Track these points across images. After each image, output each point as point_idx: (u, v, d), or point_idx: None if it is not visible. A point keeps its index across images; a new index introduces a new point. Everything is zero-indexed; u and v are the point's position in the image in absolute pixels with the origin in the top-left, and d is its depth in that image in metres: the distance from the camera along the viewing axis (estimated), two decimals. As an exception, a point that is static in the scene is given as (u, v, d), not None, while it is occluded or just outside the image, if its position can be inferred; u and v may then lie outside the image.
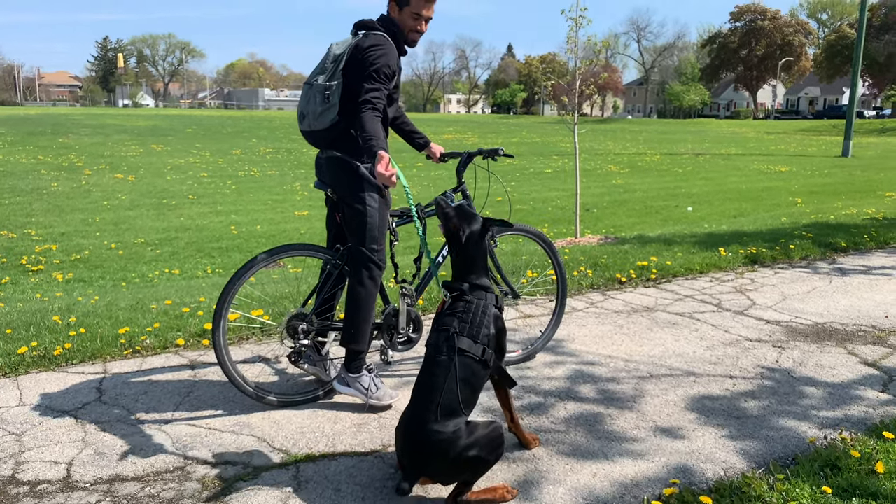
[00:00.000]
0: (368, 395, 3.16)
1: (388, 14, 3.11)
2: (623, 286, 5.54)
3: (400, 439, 2.51)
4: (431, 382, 2.50)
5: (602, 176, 20.80)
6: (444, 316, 2.65)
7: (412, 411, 2.49)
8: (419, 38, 3.14)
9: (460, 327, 2.59)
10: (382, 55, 2.96)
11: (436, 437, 2.40)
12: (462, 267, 2.76)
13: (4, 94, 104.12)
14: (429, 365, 2.55)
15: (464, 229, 2.73)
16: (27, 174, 17.47)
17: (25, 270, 8.40)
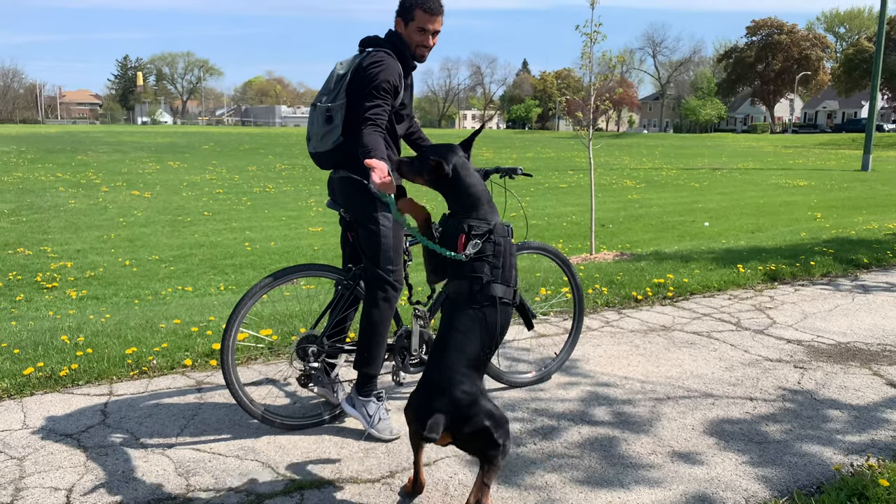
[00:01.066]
0: (371, 423, 3.07)
1: (395, 30, 3.06)
2: (639, 304, 5.43)
3: (426, 392, 2.34)
4: (464, 337, 2.36)
5: (618, 191, 20.67)
6: (472, 261, 2.43)
7: (441, 362, 2.35)
8: (427, 53, 3.07)
9: (493, 273, 2.44)
10: (381, 71, 2.90)
11: (465, 388, 2.30)
12: (466, 203, 2.50)
13: (26, 112, 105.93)
14: (460, 317, 2.38)
15: (447, 160, 2.52)
16: (45, 191, 17.65)
17: (40, 287, 8.43)
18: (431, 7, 2.94)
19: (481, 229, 2.46)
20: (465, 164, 2.57)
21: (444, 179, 2.54)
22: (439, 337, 2.44)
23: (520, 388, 3.67)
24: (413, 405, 2.39)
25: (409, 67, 3.08)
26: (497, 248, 2.47)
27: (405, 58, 3.03)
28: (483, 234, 2.46)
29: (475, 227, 2.47)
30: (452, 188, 2.55)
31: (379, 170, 2.56)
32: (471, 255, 2.44)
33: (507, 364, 4.02)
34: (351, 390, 3.15)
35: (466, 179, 2.54)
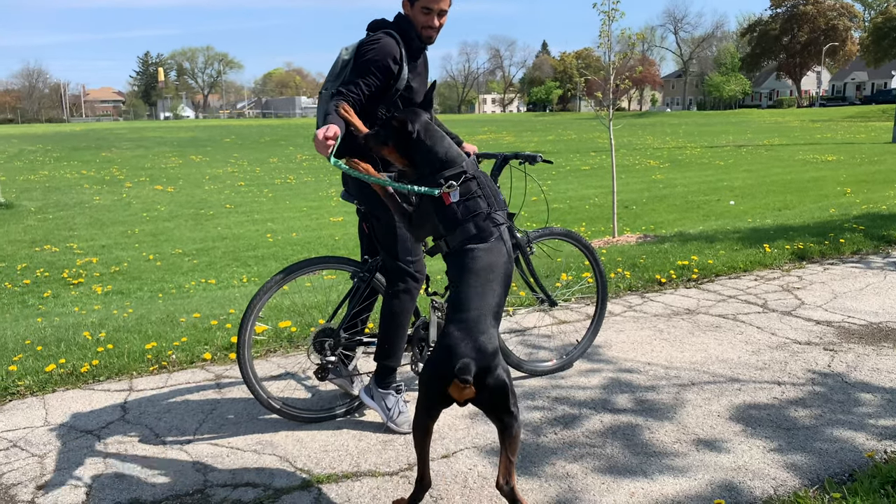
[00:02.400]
0: (390, 416, 3.04)
1: (403, 11, 2.98)
2: (663, 287, 5.32)
3: (451, 339, 2.23)
4: (500, 274, 2.38)
5: (641, 171, 20.40)
6: (464, 202, 2.46)
7: (463, 308, 2.29)
8: (434, 34, 2.97)
9: (489, 204, 2.49)
10: (371, 50, 2.85)
11: (491, 335, 2.25)
12: (437, 162, 2.51)
13: (52, 111, 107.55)
14: (474, 260, 2.37)
15: (412, 121, 2.52)
16: (71, 189, 17.88)
17: (67, 283, 8.53)
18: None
19: (454, 172, 2.50)
20: (430, 125, 2.59)
21: (411, 142, 2.54)
22: (456, 286, 2.40)
23: (540, 376, 3.61)
24: (434, 360, 2.29)
25: (417, 50, 2.99)
26: (480, 182, 2.52)
27: (410, 39, 2.94)
28: (458, 174, 2.49)
29: (448, 176, 2.49)
30: (420, 149, 2.54)
31: (319, 133, 2.57)
32: (452, 192, 2.47)
33: (526, 352, 3.96)
34: (370, 381, 3.11)
35: (433, 137, 2.55)
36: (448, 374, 2.19)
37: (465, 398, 2.23)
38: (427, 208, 2.54)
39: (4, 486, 2.68)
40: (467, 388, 2.19)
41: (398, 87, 2.91)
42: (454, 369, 2.16)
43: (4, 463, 2.86)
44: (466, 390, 2.19)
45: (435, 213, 2.51)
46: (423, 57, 3.07)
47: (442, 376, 2.21)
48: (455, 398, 2.23)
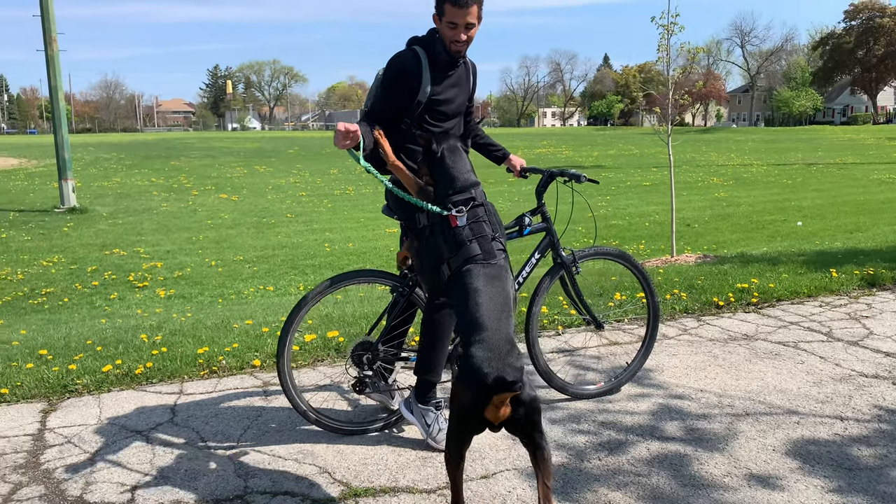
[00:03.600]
0: (429, 432, 3.01)
1: (435, 26, 3.02)
2: (720, 311, 5.14)
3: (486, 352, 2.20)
4: (506, 295, 2.45)
5: (704, 189, 19.90)
6: (470, 226, 2.61)
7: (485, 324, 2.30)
8: (462, 47, 2.97)
9: (494, 230, 2.65)
10: (386, 70, 2.98)
11: (519, 358, 2.23)
12: (447, 182, 2.72)
13: (127, 121, 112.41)
14: (482, 278, 2.47)
15: (438, 142, 2.76)
16: (140, 195, 18.59)
17: (132, 286, 8.84)
18: (459, 0, 2.86)
19: (462, 199, 2.67)
20: (456, 149, 2.80)
21: (434, 160, 2.76)
22: (465, 308, 2.41)
23: (586, 399, 3.52)
24: (464, 386, 2.22)
25: (447, 63, 3.00)
26: (487, 210, 2.70)
27: (437, 53, 2.97)
28: (466, 200, 2.67)
29: (455, 201, 2.67)
30: (441, 169, 2.75)
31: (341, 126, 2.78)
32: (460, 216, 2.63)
33: (574, 373, 3.87)
34: (410, 395, 3.10)
35: (450, 160, 2.75)
36: (482, 396, 2.13)
37: (501, 419, 2.17)
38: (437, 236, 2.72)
39: (56, 481, 2.77)
40: (504, 408, 2.14)
41: (420, 100, 2.94)
42: (490, 385, 2.11)
43: (58, 458, 2.95)
44: (503, 409, 2.15)
45: (441, 235, 2.67)
46: (461, 68, 3.07)
47: (476, 400, 2.15)
48: (490, 420, 2.17)
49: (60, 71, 15.84)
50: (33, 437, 3.14)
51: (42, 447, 3.06)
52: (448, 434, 2.32)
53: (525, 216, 3.26)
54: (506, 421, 2.18)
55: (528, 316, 3.36)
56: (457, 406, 2.26)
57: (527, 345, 3.38)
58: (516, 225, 3.24)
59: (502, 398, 2.12)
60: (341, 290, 3.43)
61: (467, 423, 2.24)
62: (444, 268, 2.62)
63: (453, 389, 2.32)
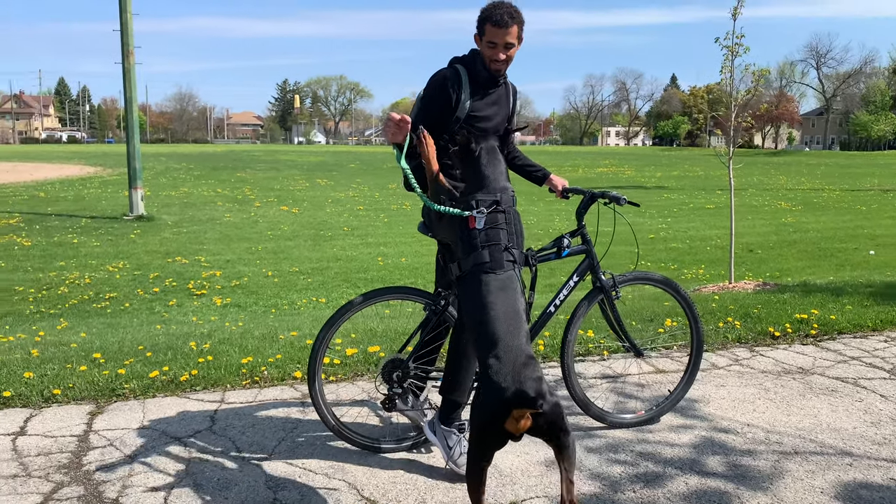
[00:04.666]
0: (450, 455, 2.96)
1: (476, 44, 3.06)
2: (776, 342, 4.93)
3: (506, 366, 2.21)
4: (510, 307, 2.41)
5: (770, 213, 19.27)
6: (487, 231, 2.59)
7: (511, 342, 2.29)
8: (502, 66, 3.00)
9: (510, 240, 2.61)
10: (431, 81, 3.01)
11: (537, 368, 2.25)
12: (475, 180, 2.70)
13: (198, 132, 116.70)
14: (492, 287, 2.46)
15: (476, 140, 2.72)
16: (205, 205, 19.21)
17: (191, 294, 9.12)
18: (498, 20, 2.89)
19: (487, 201, 2.63)
20: (493, 150, 2.77)
21: (469, 157, 2.74)
22: (477, 321, 2.40)
23: (626, 428, 3.42)
24: (483, 400, 2.23)
25: (488, 80, 3.03)
26: (507, 217, 2.64)
27: (477, 71, 3.01)
28: (489, 204, 2.62)
29: (482, 201, 2.63)
30: (472, 166, 2.73)
31: (395, 115, 2.79)
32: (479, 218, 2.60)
33: (614, 401, 3.77)
34: (434, 416, 3.07)
35: (486, 160, 2.72)
36: (502, 409, 2.12)
37: (522, 430, 2.16)
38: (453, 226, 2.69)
39: (95, 482, 2.85)
40: (524, 420, 2.13)
41: (458, 115, 2.97)
42: (510, 400, 2.11)
43: (99, 460, 3.04)
44: (523, 421, 2.13)
45: (458, 233, 2.64)
46: (501, 88, 3.10)
47: (496, 414, 2.15)
48: (512, 432, 2.16)
49: (136, 83, 16.58)
50: (78, 438, 3.25)
51: (86, 448, 3.15)
52: (469, 451, 2.30)
53: (564, 237, 3.20)
54: (527, 430, 2.18)
55: (563, 342, 3.29)
56: (477, 421, 2.25)
57: (562, 372, 3.31)
58: (554, 246, 3.19)
59: (522, 412, 2.12)
60: (387, 305, 3.44)
61: (488, 438, 2.22)
62: (455, 267, 2.67)
63: (472, 405, 2.32)
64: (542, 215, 17.22)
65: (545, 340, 4.68)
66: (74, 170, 32.79)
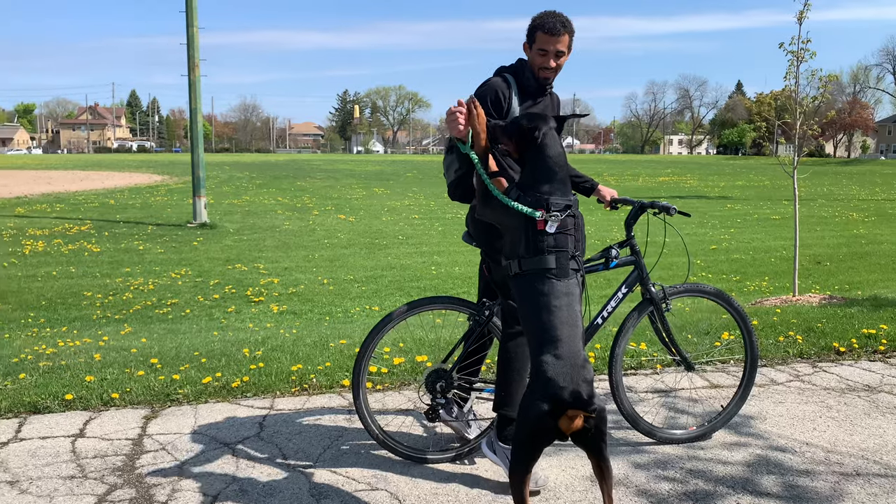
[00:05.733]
0: None
1: (525, 53, 3.04)
2: (840, 357, 4.72)
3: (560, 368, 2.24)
4: (571, 312, 2.38)
5: (841, 224, 18.53)
6: (555, 235, 2.48)
7: (571, 343, 2.31)
8: (551, 74, 2.99)
9: (577, 247, 2.53)
10: (479, 90, 2.97)
11: (591, 370, 2.29)
12: (541, 174, 2.54)
13: (261, 142, 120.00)
14: (555, 293, 2.41)
15: (539, 126, 2.57)
16: (266, 213, 19.68)
17: (249, 301, 9.33)
18: (550, 28, 2.89)
19: (561, 204, 2.51)
20: (554, 136, 2.62)
21: (531, 144, 2.58)
22: (535, 314, 2.40)
23: (676, 444, 3.31)
24: (537, 395, 2.23)
25: (536, 90, 3.02)
26: (577, 222, 2.55)
27: (526, 80, 3.00)
28: (563, 208, 2.50)
29: (554, 203, 2.50)
30: (535, 156, 2.58)
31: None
32: (549, 225, 2.48)
33: (664, 416, 3.66)
34: (490, 433, 3.04)
35: (551, 150, 2.58)
36: (558, 406, 2.16)
37: (573, 430, 2.19)
38: (514, 214, 2.54)
39: (147, 486, 2.93)
40: (577, 419, 2.16)
41: None
42: (566, 400, 2.15)
43: (151, 464, 3.13)
44: (577, 420, 2.16)
45: (522, 230, 2.51)
46: (547, 98, 3.08)
47: (551, 410, 2.17)
48: (564, 430, 2.18)
49: (200, 94, 17.15)
50: (133, 442, 3.35)
51: (139, 452, 3.25)
52: (515, 450, 2.31)
53: (612, 248, 3.14)
54: (575, 432, 2.20)
55: (611, 356, 3.22)
56: (529, 418, 2.25)
57: (610, 386, 3.24)
58: (602, 257, 3.13)
59: (576, 412, 2.16)
60: (438, 314, 3.43)
61: (539, 434, 2.24)
62: (514, 264, 2.54)
63: (524, 401, 2.32)
64: (600, 224, 17.00)
65: (595, 353, 4.59)
66: (143, 178, 34.13)
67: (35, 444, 3.29)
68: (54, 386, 3.95)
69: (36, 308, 8.52)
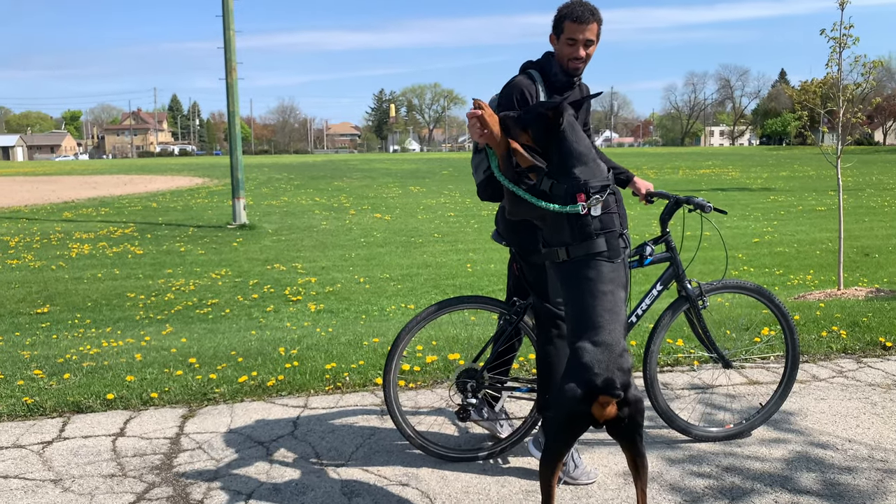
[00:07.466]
0: (566, 471, 2.89)
1: (552, 47, 2.97)
2: (887, 353, 4.57)
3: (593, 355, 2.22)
4: (616, 298, 2.36)
5: (890, 214, 17.93)
6: (600, 217, 2.43)
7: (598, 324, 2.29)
8: (581, 65, 2.91)
9: (623, 224, 2.50)
10: (506, 90, 2.90)
11: (627, 351, 2.28)
12: (570, 161, 2.49)
13: (299, 143, 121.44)
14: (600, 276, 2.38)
15: (560, 112, 2.50)
16: (304, 213, 19.90)
17: (287, 300, 9.44)
18: (579, 16, 2.82)
19: (597, 186, 2.45)
20: (574, 122, 2.57)
21: (553, 133, 2.51)
22: (579, 299, 2.37)
23: (713, 441, 3.25)
24: (573, 380, 2.21)
25: (564, 84, 2.95)
26: (617, 197, 2.51)
27: (553, 74, 2.93)
28: (602, 188, 2.45)
29: (593, 185, 2.45)
30: (560, 141, 2.51)
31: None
32: (592, 209, 2.43)
33: (701, 412, 3.60)
34: (537, 433, 3.03)
35: (575, 135, 2.53)
36: (591, 392, 2.15)
37: (607, 417, 2.17)
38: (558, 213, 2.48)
39: (183, 484, 2.99)
40: (611, 406, 2.15)
41: None
42: (598, 387, 2.14)
43: (188, 462, 3.19)
44: (610, 407, 2.15)
45: (565, 217, 2.46)
46: (576, 91, 3.00)
47: (584, 396, 2.16)
48: (597, 417, 2.17)
49: (238, 97, 17.41)
50: (171, 441, 3.42)
51: (177, 451, 3.31)
52: (549, 432, 2.33)
53: (647, 245, 3.08)
54: (609, 420, 2.19)
55: (646, 353, 3.17)
56: (562, 402, 2.24)
57: (645, 383, 3.19)
58: (636, 254, 3.08)
59: (608, 399, 2.15)
60: (474, 312, 3.44)
61: (572, 420, 2.23)
62: (563, 251, 2.48)
63: (558, 385, 2.31)
64: (639, 219, 16.76)
65: (632, 349, 4.53)
66: (184, 181, 34.82)
67: (78, 443, 3.39)
68: (97, 386, 4.06)
69: (82, 309, 8.77)
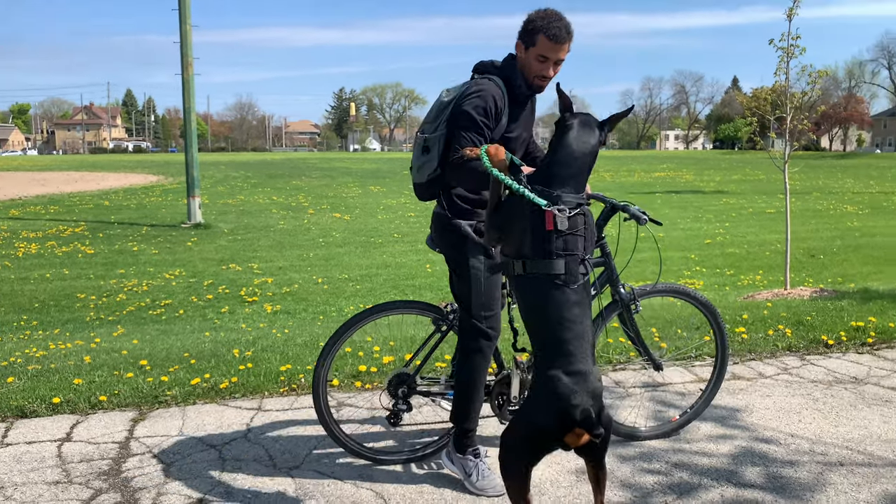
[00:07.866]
0: (471, 482, 2.90)
1: (515, 53, 2.79)
2: (829, 350, 4.73)
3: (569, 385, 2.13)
4: (583, 324, 2.23)
5: (835, 217, 18.57)
6: (565, 236, 2.24)
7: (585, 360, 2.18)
8: (546, 84, 2.73)
9: (586, 249, 2.32)
10: (477, 97, 2.67)
11: (600, 383, 2.22)
12: (555, 164, 2.32)
13: (257, 141, 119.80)
14: (563, 300, 2.22)
15: (572, 110, 2.37)
16: (261, 213, 19.64)
17: (242, 301, 9.31)
18: (556, 34, 2.61)
19: (573, 203, 2.28)
20: (582, 131, 2.37)
21: (559, 128, 2.38)
22: (545, 324, 2.25)
23: (640, 441, 3.31)
24: (545, 409, 2.15)
25: (523, 97, 2.81)
26: (587, 221, 2.33)
27: (516, 86, 2.75)
28: (575, 206, 2.28)
29: (567, 200, 2.27)
30: (555, 142, 2.37)
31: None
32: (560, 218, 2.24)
33: (646, 413, 3.67)
34: (449, 445, 3.03)
35: (575, 138, 2.34)
36: (567, 424, 2.10)
37: (581, 444, 2.16)
38: (519, 213, 2.32)
39: (132, 489, 2.93)
40: (584, 437, 2.12)
41: (493, 137, 2.73)
42: (576, 420, 2.09)
43: (137, 467, 3.13)
44: (584, 437, 2.12)
45: (529, 229, 2.28)
46: (529, 104, 2.89)
47: (559, 427, 2.12)
48: (570, 444, 2.15)
49: (194, 93, 17.11)
50: (120, 445, 3.35)
51: (126, 455, 3.24)
52: (513, 452, 2.23)
53: None
54: (582, 445, 2.17)
55: None
56: (532, 431, 2.19)
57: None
58: None
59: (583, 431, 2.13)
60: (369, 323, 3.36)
61: (542, 444, 2.19)
62: (519, 265, 2.30)
63: (527, 410, 2.27)
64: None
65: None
66: (138, 179, 34.03)
67: (21, 450, 3.29)
68: (42, 389, 3.95)
69: (28, 310, 8.51)
